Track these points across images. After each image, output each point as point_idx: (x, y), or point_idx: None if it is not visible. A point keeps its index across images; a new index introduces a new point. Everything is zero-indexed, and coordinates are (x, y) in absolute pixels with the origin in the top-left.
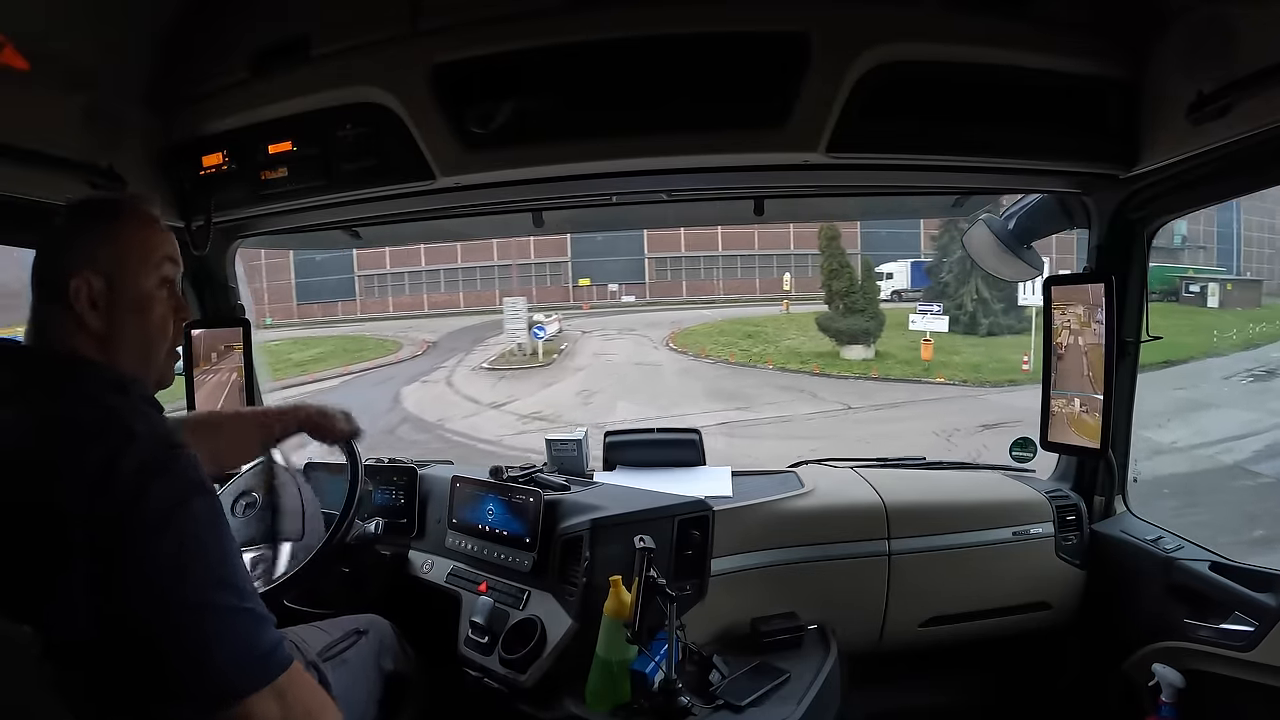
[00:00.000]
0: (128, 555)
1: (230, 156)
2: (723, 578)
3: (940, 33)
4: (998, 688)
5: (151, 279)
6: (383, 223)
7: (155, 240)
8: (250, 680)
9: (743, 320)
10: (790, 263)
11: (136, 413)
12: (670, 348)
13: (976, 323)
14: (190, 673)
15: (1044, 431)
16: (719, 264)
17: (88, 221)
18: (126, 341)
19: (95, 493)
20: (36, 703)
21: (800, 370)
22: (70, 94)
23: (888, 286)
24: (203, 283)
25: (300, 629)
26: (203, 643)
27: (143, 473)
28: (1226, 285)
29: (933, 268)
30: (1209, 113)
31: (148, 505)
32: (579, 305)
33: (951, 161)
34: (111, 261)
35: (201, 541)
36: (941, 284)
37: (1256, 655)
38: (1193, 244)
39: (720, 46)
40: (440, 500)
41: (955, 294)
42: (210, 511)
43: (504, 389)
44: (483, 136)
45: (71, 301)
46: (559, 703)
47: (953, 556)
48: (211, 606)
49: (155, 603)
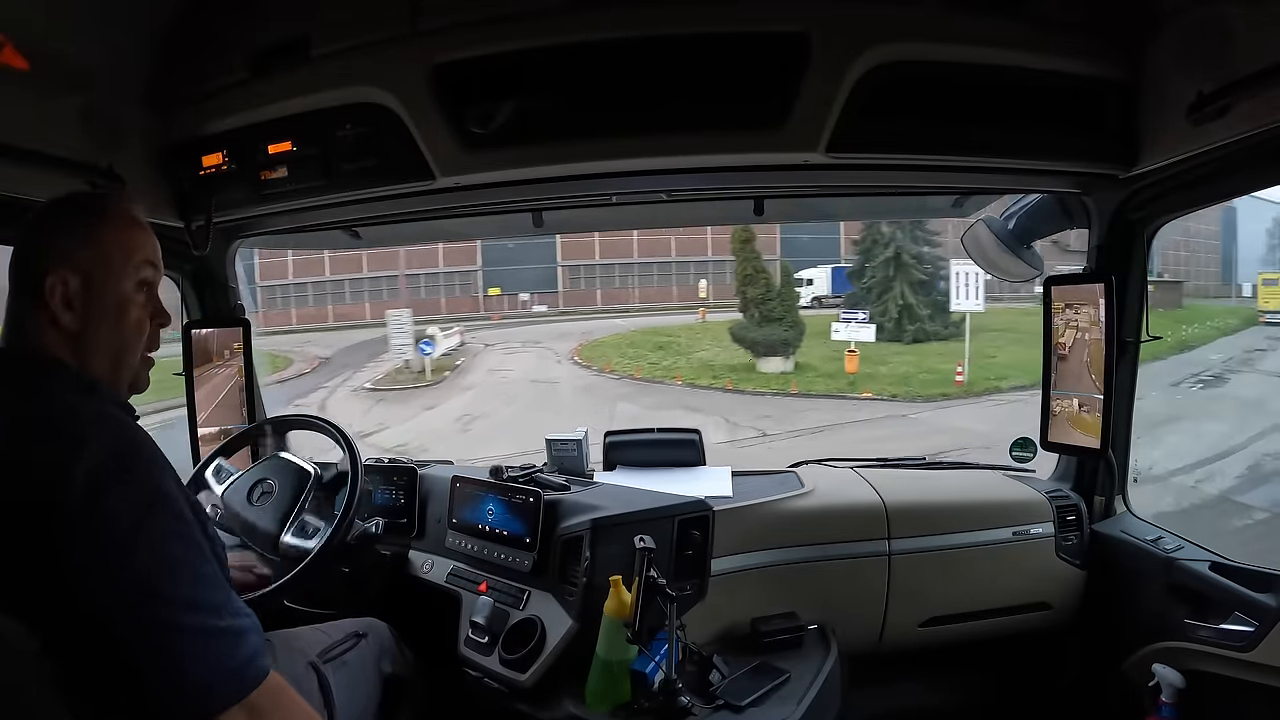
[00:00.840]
0: (91, 564)
1: (230, 156)
2: (723, 578)
3: (940, 33)
4: (998, 688)
5: (130, 281)
6: (383, 223)
7: (136, 241)
8: (222, 697)
9: (656, 330)
10: (708, 269)
11: (101, 416)
12: (575, 362)
13: (902, 329)
14: (162, 688)
15: (1044, 431)
16: (635, 271)
17: (69, 218)
18: (99, 343)
19: (53, 495)
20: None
21: (712, 386)
22: (70, 94)
23: (808, 293)
24: (203, 283)
25: (300, 631)
26: (174, 660)
27: (98, 478)
28: (1148, 288)
29: (854, 272)
30: (1209, 113)
31: (108, 514)
32: (489, 316)
33: (951, 161)
34: (90, 261)
35: (169, 557)
36: (864, 289)
37: (1256, 655)
38: None
39: (720, 46)
40: (440, 500)
41: (879, 300)
42: (176, 520)
43: (378, 414)
44: (483, 136)
45: (47, 299)
46: (559, 703)
47: (953, 557)
48: (181, 626)
49: (125, 619)
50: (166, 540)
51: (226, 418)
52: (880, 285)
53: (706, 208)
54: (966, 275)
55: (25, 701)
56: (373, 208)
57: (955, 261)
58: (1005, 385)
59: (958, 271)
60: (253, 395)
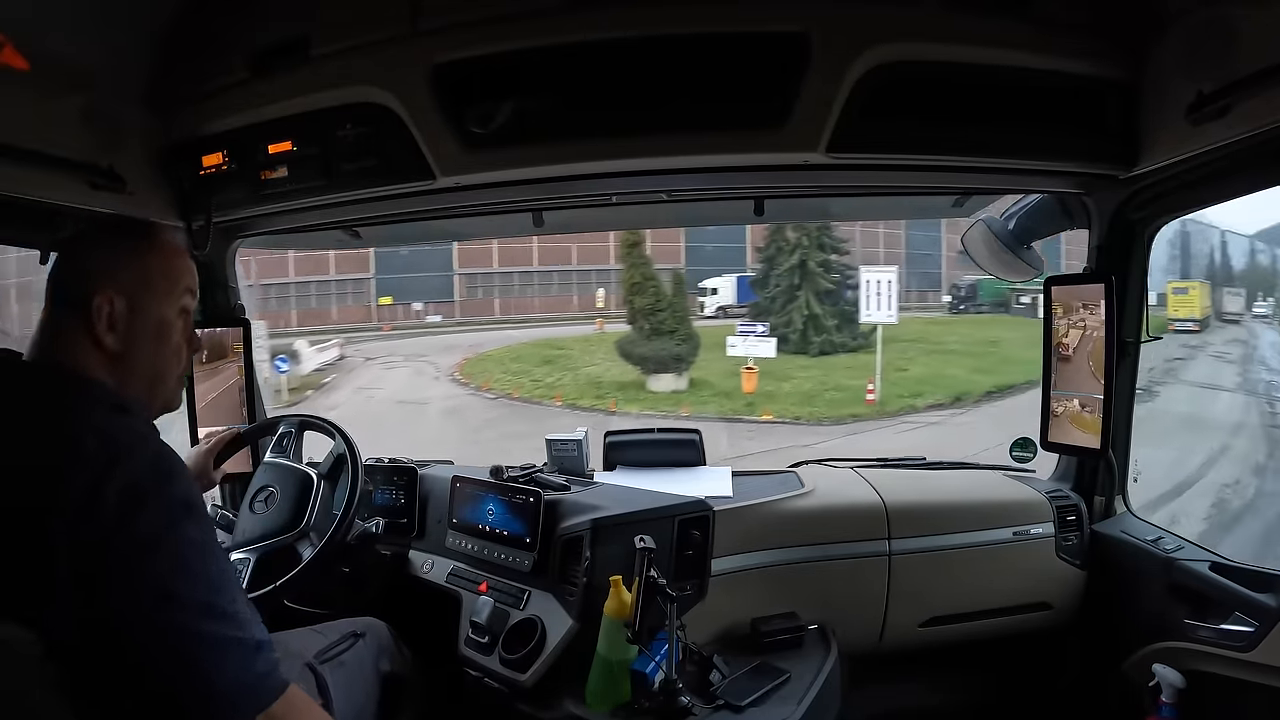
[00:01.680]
0: (115, 576)
1: (230, 156)
2: (723, 578)
3: (940, 33)
4: (998, 688)
5: (172, 308)
6: (383, 223)
7: (181, 269)
8: (243, 710)
9: (549, 342)
10: (610, 278)
11: (134, 435)
12: (454, 379)
13: (808, 341)
14: (184, 700)
15: (1044, 431)
16: (535, 280)
17: (119, 240)
18: (139, 366)
19: (82, 513)
20: (38, 704)
21: (595, 408)
22: (70, 94)
23: (713, 302)
24: (203, 283)
25: (297, 632)
26: (194, 672)
27: (129, 496)
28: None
29: (758, 281)
30: (1209, 113)
31: (135, 529)
32: (379, 326)
33: (951, 161)
34: (137, 285)
35: (191, 567)
36: (769, 299)
37: (1256, 655)
38: None
39: (720, 46)
40: (440, 500)
41: (783, 310)
42: (201, 534)
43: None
44: (483, 136)
45: (93, 319)
46: (559, 703)
47: (953, 557)
48: (202, 635)
49: (146, 628)
50: (193, 551)
51: (226, 418)
52: (785, 294)
53: (706, 208)
54: (878, 284)
55: (29, 707)
56: (373, 208)
57: (866, 269)
58: (921, 404)
59: (868, 280)
60: (253, 395)
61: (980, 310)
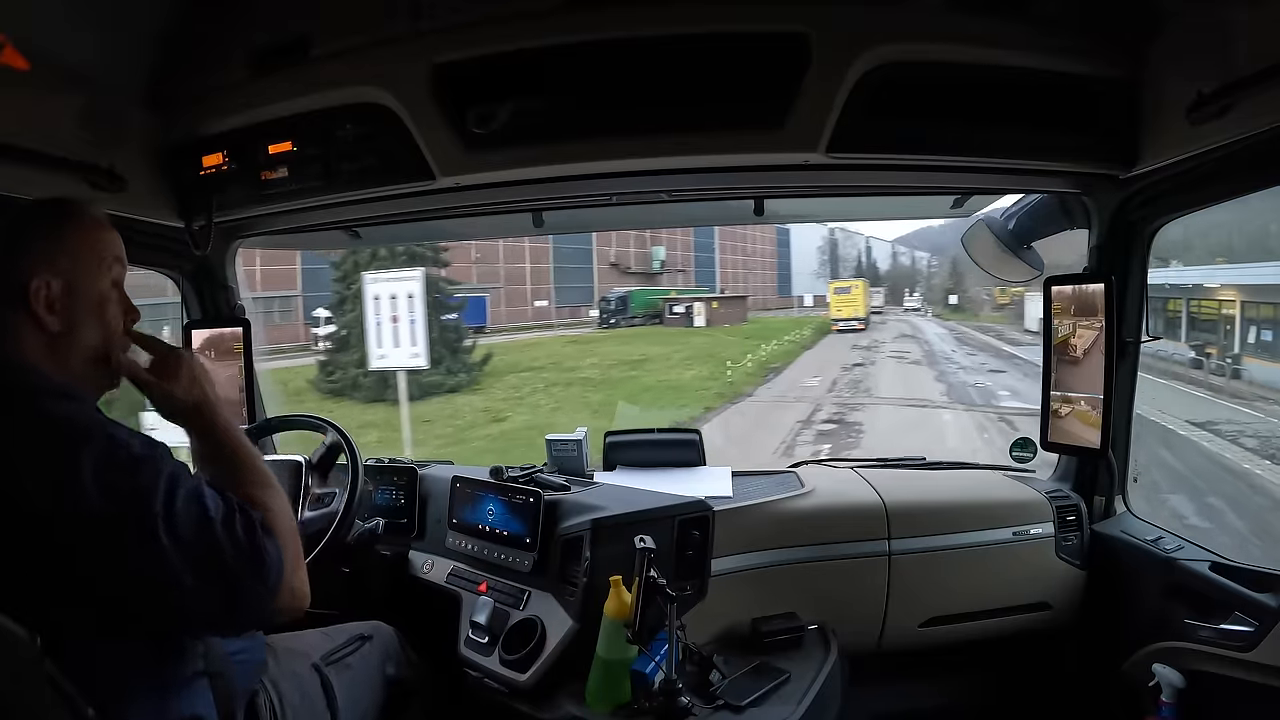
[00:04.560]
0: (117, 559)
1: (230, 156)
2: (723, 578)
3: (940, 33)
4: (998, 688)
5: (106, 280)
6: (383, 223)
7: (106, 241)
8: (268, 609)
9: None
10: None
11: (88, 419)
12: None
13: (387, 383)
14: (245, 603)
15: (1044, 432)
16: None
17: (40, 224)
18: (81, 344)
19: (64, 497)
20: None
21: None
22: (70, 94)
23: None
24: (203, 283)
25: (304, 634)
26: (226, 604)
27: (110, 476)
28: (713, 304)
29: (334, 306)
30: (1208, 113)
31: (128, 507)
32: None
33: (951, 161)
34: (69, 263)
35: (195, 527)
36: (345, 330)
37: (1256, 655)
38: (672, 267)
39: (720, 46)
40: (440, 500)
41: (361, 343)
42: (191, 495)
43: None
44: (483, 136)
45: (32, 304)
46: (559, 703)
47: (953, 556)
48: (224, 576)
49: (163, 593)
50: (193, 501)
51: None
52: (359, 322)
53: (707, 208)
54: (391, 301)
55: (27, 704)
56: (373, 208)
57: (372, 277)
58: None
59: (376, 295)
60: (253, 395)
61: (633, 323)
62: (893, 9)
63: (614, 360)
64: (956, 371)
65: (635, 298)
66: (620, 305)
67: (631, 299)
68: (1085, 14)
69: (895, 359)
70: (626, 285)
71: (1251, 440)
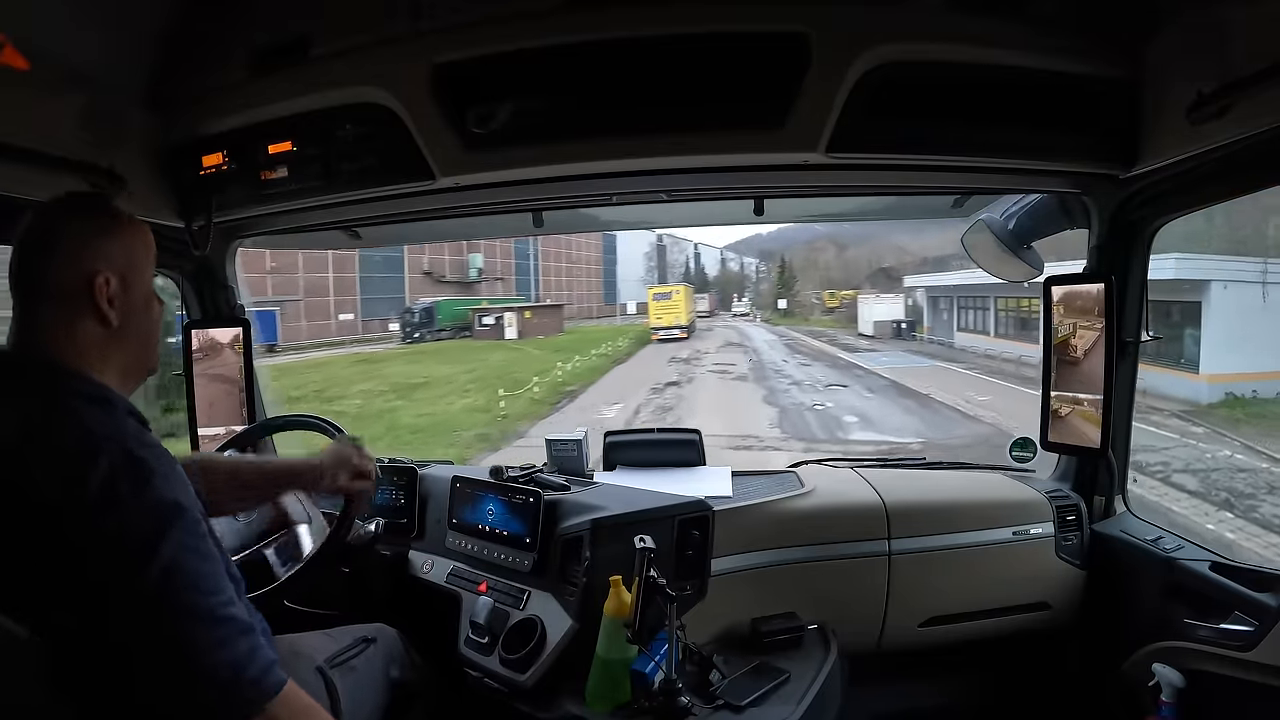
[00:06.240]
0: (108, 574)
1: (230, 156)
2: (723, 578)
3: (940, 33)
4: (998, 688)
5: (151, 276)
6: (383, 223)
7: (149, 239)
8: (236, 710)
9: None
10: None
11: (115, 427)
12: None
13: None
14: (176, 700)
15: (1044, 431)
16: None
17: (97, 220)
18: (133, 337)
19: (70, 503)
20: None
21: None
22: (70, 94)
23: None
24: (203, 283)
25: (307, 636)
26: (191, 672)
27: (113, 488)
28: (525, 314)
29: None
30: (1208, 113)
31: (124, 525)
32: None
33: (951, 161)
34: (124, 260)
35: (184, 569)
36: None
37: (1256, 655)
38: (490, 275)
39: (720, 46)
40: (440, 500)
41: None
42: (193, 535)
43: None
44: (483, 136)
45: (96, 298)
46: (559, 703)
47: (953, 556)
48: (196, 639)
49: (140, 628)
50: (182, 553)
51: (226, 418)
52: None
53: (707, 208)
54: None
55: (23, 703)
56: (373, 208)
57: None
58: None
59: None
60: (252, 395)
61: (440, 336)
62: (892, 9)
63: (393, 384)
64: (789, 389)
65: (442, 309)
66: (425, 317)
67: (439, 310)
68: (1085, 14)
69: (718, 374)
70: (442, 294)
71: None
